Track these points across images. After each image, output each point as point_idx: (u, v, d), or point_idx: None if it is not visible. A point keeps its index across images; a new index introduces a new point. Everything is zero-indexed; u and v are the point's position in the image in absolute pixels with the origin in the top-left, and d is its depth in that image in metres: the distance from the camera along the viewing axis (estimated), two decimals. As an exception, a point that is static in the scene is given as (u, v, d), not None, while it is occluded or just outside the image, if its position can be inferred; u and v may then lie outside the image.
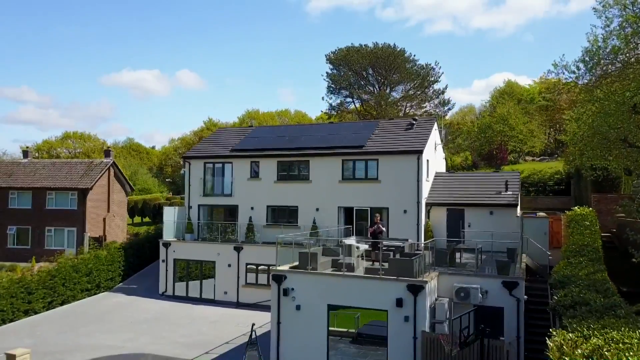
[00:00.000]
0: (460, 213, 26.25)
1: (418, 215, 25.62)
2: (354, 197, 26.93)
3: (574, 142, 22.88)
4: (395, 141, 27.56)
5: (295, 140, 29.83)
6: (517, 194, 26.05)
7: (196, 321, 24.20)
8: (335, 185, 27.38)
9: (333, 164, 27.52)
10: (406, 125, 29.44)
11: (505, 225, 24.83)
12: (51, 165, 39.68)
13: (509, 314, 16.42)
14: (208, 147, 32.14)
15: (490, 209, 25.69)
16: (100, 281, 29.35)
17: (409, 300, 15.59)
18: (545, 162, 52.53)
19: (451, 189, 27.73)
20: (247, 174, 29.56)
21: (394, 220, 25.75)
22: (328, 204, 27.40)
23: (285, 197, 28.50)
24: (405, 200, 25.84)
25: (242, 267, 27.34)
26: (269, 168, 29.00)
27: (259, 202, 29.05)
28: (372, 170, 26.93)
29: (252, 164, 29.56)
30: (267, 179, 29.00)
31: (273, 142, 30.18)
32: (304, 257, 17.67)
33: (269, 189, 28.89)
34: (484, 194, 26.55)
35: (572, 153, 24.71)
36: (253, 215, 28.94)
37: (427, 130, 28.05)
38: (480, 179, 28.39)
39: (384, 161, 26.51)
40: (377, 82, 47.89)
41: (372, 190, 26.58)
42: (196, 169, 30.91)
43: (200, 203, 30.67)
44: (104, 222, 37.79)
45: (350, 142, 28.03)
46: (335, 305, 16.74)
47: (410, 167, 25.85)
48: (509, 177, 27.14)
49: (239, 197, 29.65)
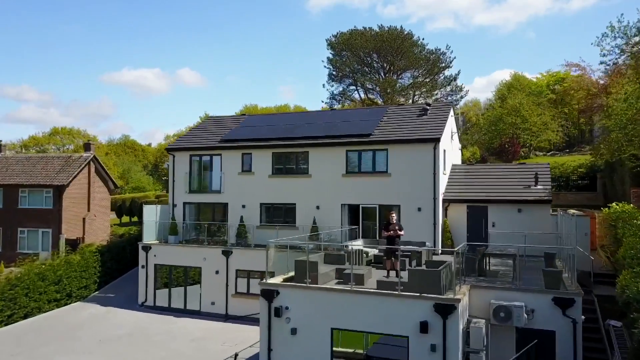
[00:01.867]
0: (483, 211, 22.71)
1: (435, 214, 22.11)
2: (360, 193, 23.40)
3: (622, 125, 19.42)
4: (408, 128, 24.00)
5: (293, 129, 26.27)
6: (549, 189, 22.50)
7: (176, 338, 20.70)
8: (339, 179, 23.85)
9: (336, 155, 23.98)
10: (419, 111, 25.87)
11: (536, 224, 21.34)
12: (25, 160, 36.17)
13: (562, 340, 12.91)
14: (195, 137, 28.59)
15: (518, 205, 22.13)
16: (72, 290, 25.83)
17: (437, 324, 12.07)
18: (557, 156, 49.17)
19: (471, 183, 24.18)
20: (238, 168, 26.03)
21: (407, 219, 22.22)
22: (330, 201, 23.88)
23: (281, 193, 24.97)
24: (419, 196, 22.32)
25: (231, 274, 23.82)
26: (263, 160, 25.46)
27: (252, 199, 25.53)
28: (380, 162, 23.38)
29: (244, 156, 26.01)
30: (261, 173, 25.47)
31: (267, 132, 26.63)
32: (301, 267, 14.17)
33: (262, 185, 25.37)
34: (510, 188, 23.00)
35: (615, 140, 21.15)
36: (245, 214, 25.42)
37: (443, 116, 24.49)
38: (505, 172, 24.79)
39: (395, 151, 22.97)
40: (382, 69, 44.21)
41: (381, 185, 23.04)
42: (181, 162, 27.39)
43: (186, 201, 27.16)
44: (83, 223, 34.29)
45: (355, 130, 24.49)
46: (341, 329, 13.22)
47: (425, 158, 22.31)
48: (538, 169, 23.57)
49: (228, 193, 26.12)
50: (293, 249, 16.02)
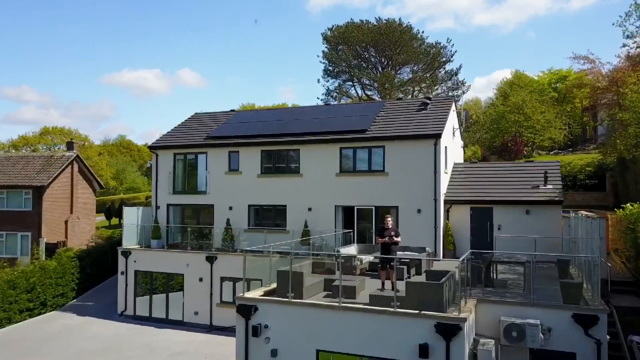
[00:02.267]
0: (487, 213, 20.96)
1: (436, 216, 20.36)
2: (355, 194, 21.67)
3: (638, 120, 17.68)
4: (406, 124, 22.26)
5: (284, 125, 24.52)
6: (560, 188, 20.76)
7: (154, 353, 18.95)
8: (332, 179, 22.11)
9: (329, 152, 22.24)
10: (419, 106, 24.12)
11: (545, 227, 19.62)
12: (5, 160, 34.41)
13: (584, 364, 11.15)
14: (180, 135, 26.84)
15: (526, 206, 20.38)
16: (47, 298, 24.08)
17: (439, 347, 10.32)
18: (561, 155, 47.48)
19: (475, 182, 22.44)
20: (225, 167, 24.29)
21: (406, 222, 20.51)
22: (323, 203, 22.14)
23: (270, 194, 23.23)
24: (419, 197, 20.58)
25: (216, 282, 22.08)
26: (251, 159, 23.72)
27: (239, 200, 23.79)
28: (377, 160, 21.64)
29: (231, 155, 24.27)
30: (249, 172, 23.73)
31: (256, 128, 24.89)
32: (284, 278, 12.42)
33: (251, 185, 23.63)
34: (517, 188, 21.24)
35: (633, 135, 19.39)
36: (232, 217, 23.68)
37: (444, 111, 22.75)
38: (512, 170, 23.03)
39: (392, 149, 21.23)
40: (380, 64, 42.28)
41: (378, 184, 21.31)
42: (165, 161, 25.65)
43: (170, 202, 25.41)
44: (66, 225, 32.54)
45: (350, 125, 22.74)
46: (328, 351, 11.46)
47: (426, 156, 20.57)
48: (548, 168, 21.83)
49: (215, 194, 24.38)
50: (282, 255, 14.29)
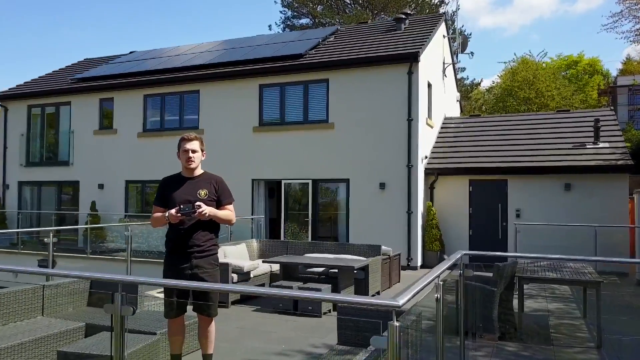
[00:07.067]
0: (499, 188, 12.52)
1: (410, 194, 11.91)
2: (283, 161, 13.26)
3: None
4: (366, 45, 13.79)
5: (184, 60, 16.08)
6: (623, 147, 12.27)
7: None
8: (248, 137, 13.74)
9: (243, 93, 13.84)
10: (389, 25, 15.63)
11: (601, 211, 11.30)
12: None
13: None
14: (42, 82, 18.43)
15: (565, 177, 11.92)
16: None
17: None
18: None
19: (477, 142, 13.96)
20: (95, 123, 15.93)
21: (360, 203, 12.13)
22: (235, 174, 13.69)
23: (158, 163, 14.79)
24: (382, 164, 12.16)
25: (52, 303, 13.68)
26: (131, 109, 15.34)
27: (113, 174, 15.42)
28: (317, 105, 13.21)
29: (103, 104, 15.89)
30: (127, 130, 15.36)
31: (143, 65, 16.45)
32: None
33: (130, 150, 15.27)
34: (549, 148, 12.77)
35: None
36: (101, 198, 15.32)
37: (427, 28, 14.26)
38: (538, 124, 14.48)
39: (341, 84, 12.79)
40: (355, 4, 33.53)
41: (318, 144, 12.90)
42: (16, 119, 17.30)
43: (23, 179, 17.07)
44: None
45: (278, 51, 14.31)
46: None
47: (395, 92, 12.14)
48: (601, 115, 13.36)
49: (80, 166, 16.02)
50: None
